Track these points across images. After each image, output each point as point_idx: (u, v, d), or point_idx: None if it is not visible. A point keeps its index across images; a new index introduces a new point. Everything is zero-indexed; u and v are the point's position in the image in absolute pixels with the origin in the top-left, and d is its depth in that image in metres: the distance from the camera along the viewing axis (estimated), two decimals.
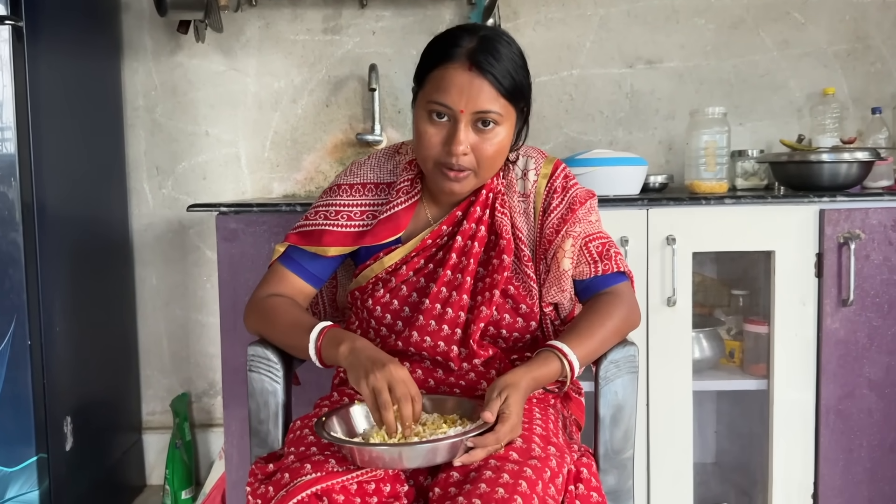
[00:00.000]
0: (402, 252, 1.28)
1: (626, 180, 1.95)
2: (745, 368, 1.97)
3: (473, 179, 1.22)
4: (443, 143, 1.18)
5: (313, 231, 1.29)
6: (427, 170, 1.23)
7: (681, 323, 1.82)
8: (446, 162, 1.19)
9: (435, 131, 1.19)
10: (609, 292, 1.27)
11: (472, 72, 1.16)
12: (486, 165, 1.21)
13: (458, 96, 1.16)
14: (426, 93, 1.19)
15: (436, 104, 1.17)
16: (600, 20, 2.37)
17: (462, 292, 1.24)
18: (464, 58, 1.16)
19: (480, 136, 1.19)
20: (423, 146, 1.20)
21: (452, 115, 1.17)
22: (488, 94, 1.16)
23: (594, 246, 1.29)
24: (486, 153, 1.19)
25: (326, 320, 1.23)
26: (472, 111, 1.16)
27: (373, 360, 1.10)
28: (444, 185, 1.22)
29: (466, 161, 1.19)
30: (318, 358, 1.18)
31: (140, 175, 2.42)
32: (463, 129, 1.17)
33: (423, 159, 1.22)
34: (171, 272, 2.44)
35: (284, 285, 1.30)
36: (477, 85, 1.16)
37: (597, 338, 1.20)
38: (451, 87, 1.16)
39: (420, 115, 1.21)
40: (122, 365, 2.35)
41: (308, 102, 2.40)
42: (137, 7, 2.36)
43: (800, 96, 2.39)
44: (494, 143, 1.20)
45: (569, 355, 1.15)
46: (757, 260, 1.95)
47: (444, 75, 1.17)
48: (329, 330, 1.19)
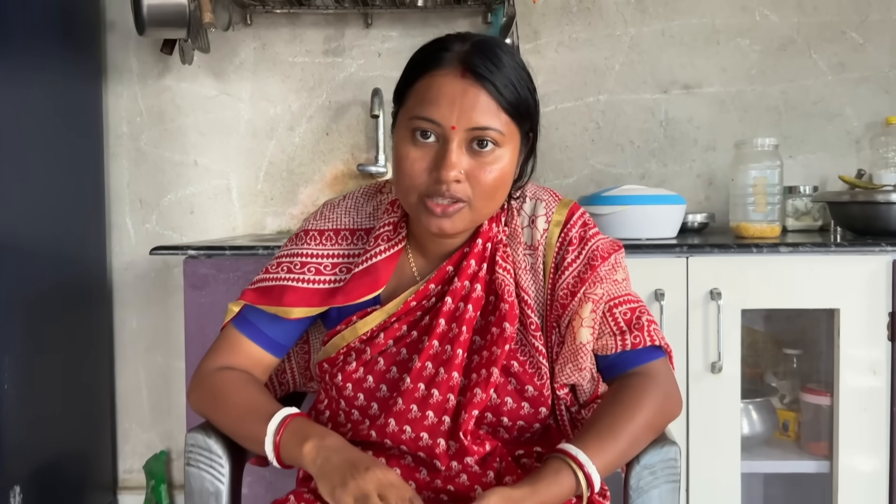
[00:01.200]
0: (379, 316, 1.03)
1: (662, 221, 1.69)
2: (803, 446, 1.67)
3: (468, 215, 0.97)
4: (429, 168, 0.94)
5: (273, 287, 1.04)
6: (409, 205, 0.98)
7: (727, 393, 1.54)
8: (434, 192, 0.94)
9: (419, 155, 0.94)
10: (640, 373, 1.00)
11: (465, 79, 0.92)
12: (483, 197, 0.96)
13: (448, 109, 0.92)
14: (408, 108, 0.95)
15: (421, 120, 0.93)
16: (631, 41, 2.12)
17: (452, 369, 0.98)
18: (455, 62, 0.93)
19: (477, 159, 0.94)
20: (405, 174, 0.95)
21: (441, 133, 0.93)
22: (486, 106, 0.92)
23: (620, 312, 1.02)
24: (483, 181, 0.94)
25: (291, 406, 0.97)
26: (467, 127, 0.92)
27: (352, 463, 0.87)
28: (430, 223, 0.96)
29: (459, 190, 0.94)
30: (277, 457, 0.93)
31: (122, 209, 2.20)
32: (455, 149, 0.93)
33: (405, 192, 0.97)
34: (153, 315, 2.21)
35: (238, 355, 1.06)
36: (472, 95, 0.92)
37: (623, 439, 0.92)
38: (439, 97, 0.92)
39: (401, 138, 0.96)
40: (95, 418, 2.12)
41: (306, 130, 2.18)
42: (123, 26, 2.16)
43: (858, 126, 2.11)
44: (494, 170, 0.95)
45: (586, 466, 0.88)
46: (817, 319, 1.67)
47: (431, 84, 0.93)
48: (292, 420, 0.94)
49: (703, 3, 2.11)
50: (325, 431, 0.93)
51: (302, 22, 2.16)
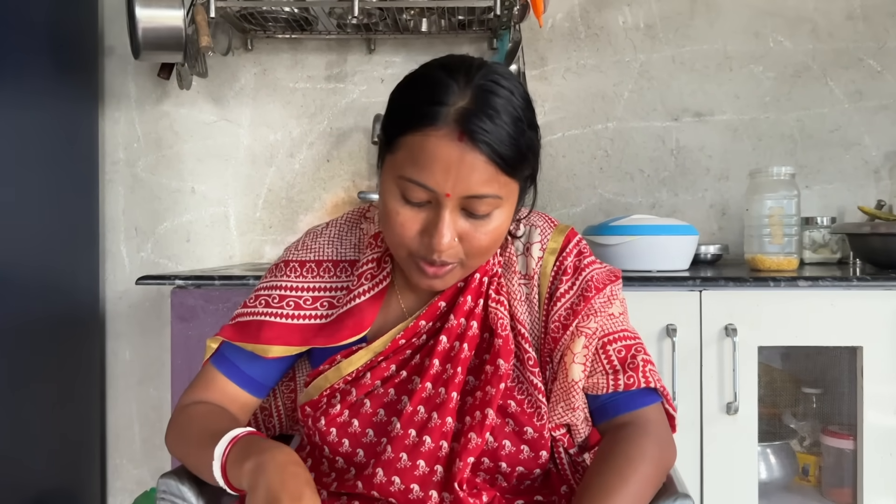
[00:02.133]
0: (365, 355, 0.95)
1: (674, 253, 1.61)
2: (825, 492, 1.58)
3: (459, 273, 0.91)
4: (420, 231, 0.87)
5: (251, 322, 0.97)
6: (398, 258, 0.92)
7: (744, 436, 1.45)
8: (426, 254, 0.87)
9: (410, 216, 0.87)
10: (632, 422, 0.92)
11: (462, 143, 0.83)
12: (475, 256, 0.89)
13: (443, 176, 0.83)
14: (398, 163, 0.87)
15: (412, 184, 0.85)
16: (640, 67, 2.06)
17: (445, 413, 0.90)
18: (452, 123, 0.83)
19: (472, 223, 0.87)
20: (394, 231, 0.88)
21: (434, 198, 0.86)
22: (483, 173, 0.84)
23: (614, 349, 0.94)
24: (477, 243, 0.88)
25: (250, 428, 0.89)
26: (463, 195, 0.85)
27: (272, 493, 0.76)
28: (420, 281, 0.90)
29: (451, 255, 0.87)
30: (226, 481, 0.84)
31: (117, 236, 2.15)
32: (448, 215, 0.85)
33: (394, 246, 0.90)
34: (146, 347, 2.14)
35: (214, 392, 0.98)
36: (469, 162, 0.83)
37: (622, 501, 0.83)
38: (433, 163, 0.83)
39: (389, 191, 0.88)
40: (84, 454, 2.03)
41: (307, 157, 2.12)
42: (121, 51, 2.12)
43: (877, 155, 2.04)
44: (489, 232, 0.88)
45: None
46: (839, 357, 1.58)
47: (425, 145, 0.84)
48: (244, 437, 0.85)
49: (714, 29, 2.06)
50: (273, 446, 0.82)
51: (304, 47, 2.12)
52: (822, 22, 2.04)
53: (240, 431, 0.86)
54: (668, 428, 0.94)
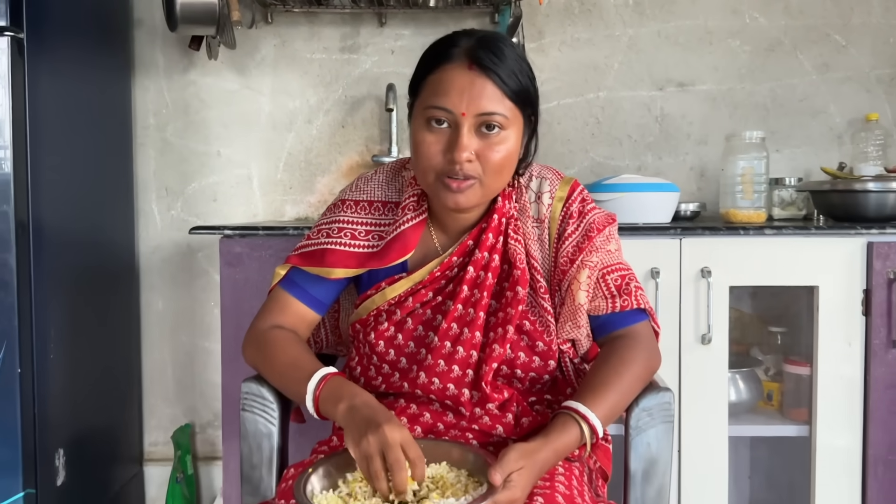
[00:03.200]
0: (406, 283, 1.17)
1: (657, 208, 1.83)
2: (785, 412, 1.82)
3: (479, 190, 1.11)
4: (444, 151, 1.08)
5: (315, 251, 1.19)
6: (428, 184, 1.12)
7: (716, 363, 1.68)
8: (448, 171, 1.08)
9: (434, 139, 1.08)
10: (626, 335, 1.15)
11: (472, 71, 1.06)
12: (492, 174, 1.10)
13: (458, 98, 1.06)
14: (423, 99, 1.09)
15: (434, 109, 1.07)
16: (629, 41, 2.27)
17: (474, 329, 1.13)
18: (462, 56, 1.07)
19: (485, 141, 1.08)
20: (422, 157, 1.09)
21: (453, 119, 1.07)
22: (492, 94, 1.06)
23: (612, 279, 1.17)
24: (492, 160, 1.08)
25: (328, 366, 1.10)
26: (476, 113, 1.06)
27: (367, 420, 0.98)
28: (446, 198, 1.10)
29: (471, 169, 1.08)
30: (316, 410, 1.07)
31: (149, 196, 2.34)
32: (466, 133, 1.07)
33: (423, 172, 1.11)
34: (178, 297, 2.34)
35: (286, 314, 1.19)
36: (479, 85, 1.06)
37: (617, 392, 1.06)
38: (450, 89, 1.06)
39: (417, 125, 1.10)
40: (123, 393, 2.25)
41: (323, 123, 2.31)
42: (150, 23, 2.29)
43: (840, 122, 2.26)
44: (501, 150, 1.09)
45: (590, 419, 1.03)
46: (798, 295, 1.81)
47: (442, 77, 1.07)
48: (329, 380, 1.07)
49: (696, 5, 2.25)
50: (356, 391, 1.05)
51: (320, 21, 2.29)
52: (793, 0, 2.25)
53: (326, 372, 1.08)
54: (655, 340, 1.17)
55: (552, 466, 1.02)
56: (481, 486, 0.96)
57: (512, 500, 0.93)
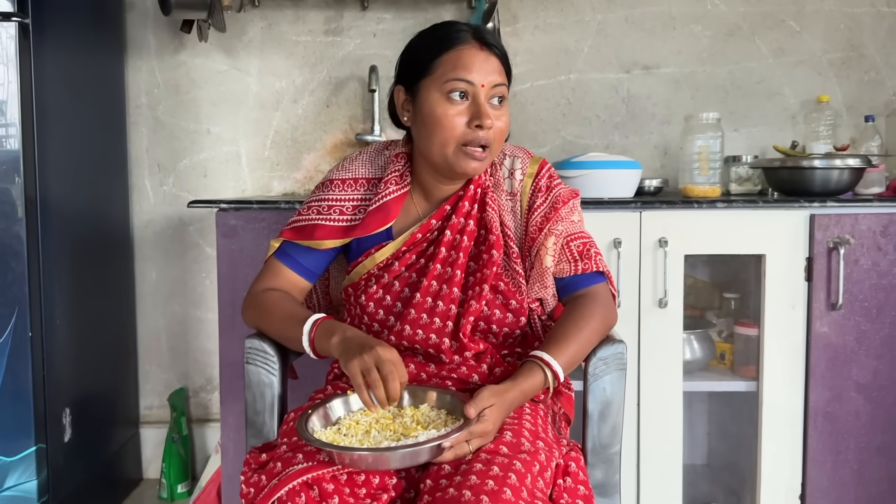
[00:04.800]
0: (392, 247, 1.31)
1: (621, 184, 1.98)
2: (736, 370, 2.00)
3: (489, 157, 1.27)
4: (468, 121, 1.23)
5: (306, 226, 1.32)
6: (447, 155, 1.24)
7: (672, 324, 1.85)
8: (473, 139, 1.23)
9: (456, 111, 1.23)
10: (586, 294, 1.30)
11: (483, 50, 1.24)
12: (498, 141, 1.26)
13: (478, 72, 1.22)
14: (440, 75, 1.23)
15: (459, 81, 1.22)
16: (598, 25, 2.40)
17: (452, 285, 1.27)
18: (472, 38, 1.24)
19: (496, 112, 1.24)
20: (445, 128, 1.23)
21: (473, 91, 1.23)
22: (498, 69, 1.25)
23: (575, 245, 1.32)
24: (500, 129, 1.25)
25: (320, 313, 1.26)
26: (491, 85, 1.23)
27: (361, 344, 1.13)
28: (468, 166, 1.25)
29: (489, 136, 1.24)
30: (312, 348, 1.21)
31: (142, 172, 2.45)
32: (485, 103, 1.23)
33: (444, 143, 1.24)
34: (170, 268, 2.46)
35: (280, 280, 1.33)
36: (491, 61, 1.24)
37: (577, 343, 1.22)
38: (470, 65, 1.22)
39: (435, 100, 1.23)
40: (120, 359, 2.37)
41: (309, 102, 2.43)
42: (142, 6, 2.39)
43: (794, 103, 2.42)
44: (505, 119, 1.26)
45: (553, 365, 1.18)
46: (748, 263, 1.98)
47: (461, 55, 1.23)
48: (322, 322, 1.21)
49: None
50: (347, 327, 1.20)
51: (305, 4, 2.40)
52: None
53: (319, 315, 1.22)
54: (612, 299, 1.33)
55: (520, 406, 1.18)
56: (458, 423, 1.11)
57: (484, 432, 1.09)
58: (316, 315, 1.23)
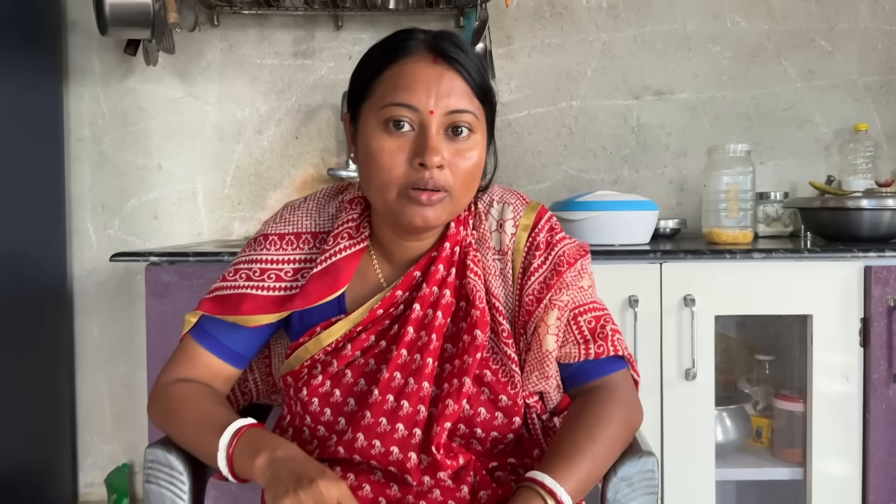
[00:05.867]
0: (344, 325, 0.99)
1: (635, 227, 1.67)
2: (776, 452, 1.67)
3: (449, 205, 0.94)
4: (409, 158, 0.91)
5: (231, 296, 1.00)
6: (388, 201, 0.94)
7: (702, 400, 1.53)
8: (417, 181, 0.91)
9: (396, 145, 0.91)
10: (601, 386, 0.98)
11: (438, 64, 0.92)
12: (462, 186, 0.94)
13: (425, 94, 0.90)
14: (378, 99, 0.92)
15: (396, 107, 0.90)
16: (603, 46, 2.11)
17: (422, 379, 0.95)
18: (424, 49, 0.92)
19: (454, 146, 0.92)
20: (382, 168, 0.92)
21: (419, 119, 0.91)
22: (461, 90, 0.92)
23: (585, 320, 1.00)
24: (463, 168, 0.92)
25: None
26: (445, 111, 0.91)
27: (297, 475, 0.82)
28: (414, 215, 0.93)
29: (441, 178, 0.91)
30: (231, 471, 0.89)
31: (83, 213, 2.14)
32: (435, 134, 0.91)
33: (383, 186, 0.93)
34: (115, 323, 2.15)
35: (196, 366, 1.01)
36: (448, 79, 0.91)
37: (590, 458, 0.89)
38: (414, 83, 0.90)
39: (371, 131, 0.93)
40: (55, 430, 2.05)
41: (275, 133, 2.13)
42: (86, 26, 2.10)
43: (827, 133, 2.13)
44: (472, 157, 0.93)
45: (558, 494, 0.85)
46: (791, 324, 1.66)
47: (403, 71, 0.91)
48: (247, 431, 0.90)
49: (674, 9, 2.11)
50: (279, 442, 0.88)
51: (270, 23, 2.12)
52: (776, 3, 2.11)
53: (241, 424, 0.91)
54: (635, 392, 1.00)
55: None
56: None
57: None
58: (238, 422, 0.91)
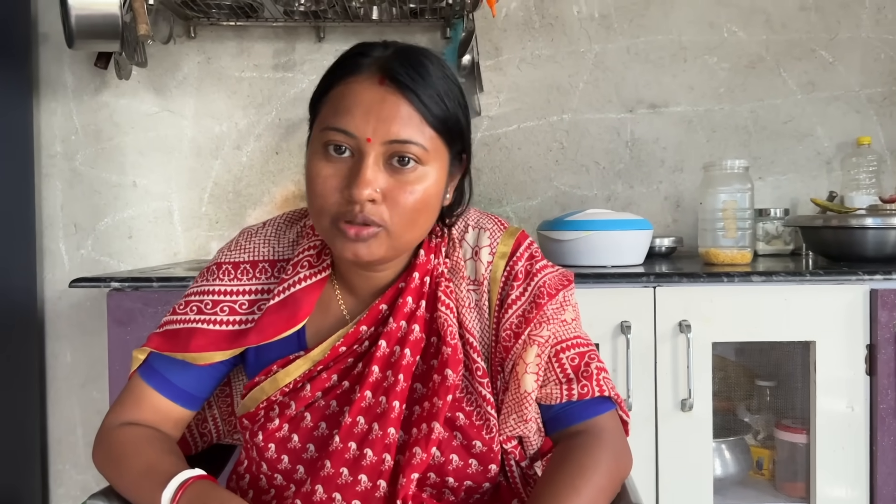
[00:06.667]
0: (304, 364, 0.90)
1: (629, 248, 1.59)
2: (778, 486, 1.58)
3: (385, 241, 0.85)
4: (341, 187, 0.82)
5: (180, 331, 0.92)
6: (323, 230, 0.86)
7: (699, 432, 1.44)
8: (346, 213, 0.82)
9: (331, 172, 0.83)
10: (586, 430, 0.89)
11: (384, 86, 0.82)
12: (402, 222, 0.84)
13: (363, 119, 0.81)
14: (321, 120, 0.84)
15: (332, 131, 0.82)
16: (595, 58, 2.04)
17: (387, 424, 0.86)
18: (374, 69, 0.83)
19: (396, 177, 0.83)
20: (316, 194, 0.84)
21: (356, 146, 0.82)
22: (407, 118, 0.82)
23: (568, 357, 0.91)
24: (402, 202, 0.83)
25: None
26: (384, 140, 0.81)
27: None
28: (344, 248, 0.84)
29: (374, 212, 0.82)
30: None
31: (55, 233, 2.06)
32: (370, 164, 0.81)
33: (317, 214, 0.85)
34: (88, 348, 2.06)
35: (144, 408, 0.93)
36: (391, 103, 0.82)
37: None
38: (353, 106, 0.81)
39: (311, 154, 0.85)
40: (25, 459, 1.95)
41: (255, 149, 2.05)
42: (57, 38, 2.01)
43: (829, 146, 2.05)
44: (416, 191, 0.83)
45: None
46: (793, 350, 1.58)
47: (346, 92, 0.83)
48: (192, 484, 0.81)
49: (669, 19, 2.04)
50: (226, 498, 0.80)
51: (250, 35, 2.04)
52: (775, 13, 2.04)
53: (187, 476, 0.82)
54: (623, 436, 0.91)
55: None
56: None
57: None
58: (184, 473, 0.82)
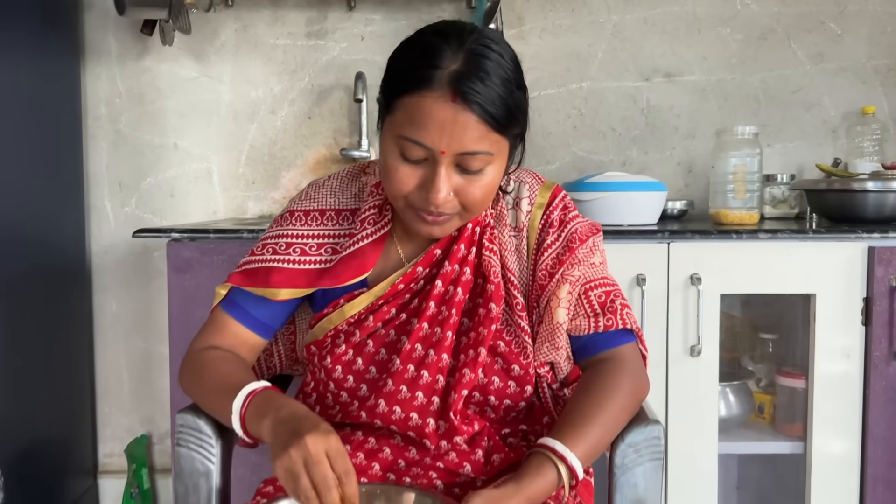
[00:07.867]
0: (367, 299, 1.03)
1: (643, 208, 1.70)
2: (778, 427, 1.71)
3: (458, 222, 0.99)
4: (419, 186, 0.94)
5: (259, 269, 1.04)
6: (397, 208, 0.99)
7: (706, 376, 1.57)
8: (422, 207, 0.95)
9: (408, 172, 0.94)
10: (610, 358, 1.02)
11: (455, 104, 0.89)
12: (471, 208, 0.97)
13: (437, 135, 0.90)
14: (396, 123, 0.94)
15: (409, 142, 0.92)
16: (614, 28, 2.13)
17: (441, 350, 0.99)
18: (445, 85, 0.90)
19: (466, 178, 0.94)
20: (394, 184, 0.95)
21: (430, 155, 0.93)
22: (476, 131, 0.91)
23: (595, 295, 1.04)
24: (472, 197, 0.95)
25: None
26: (456, 152, 0.92)
27: (292, 432, 0.84)
28: (420, 228, 0.98)
29: (448, 207, 0.95)
30: (245, 432, 0.92)
31: (101, 191, 2.18)
32: (443, 172, 0.92)
33: (393, 197, 0.98)
34: (132, 299, 2.19)
35: (225, 336, 1.06)
36: (462, 122, 0.90)
37: (599, 426, 0.93)
38: (428, 122, 0.90)
39: (389, 148, 0.95)
40: (75, 403, 2.10)
41: (288, 114, 2.16)
42: (101, 6, 2.13)
43: (835, 115, 2.15)
44: (483, 186, 0.95)
45: (569, 459, 0.89)
46: (794, 303, 1.70)
47: (421, 106, 0.90)
48: (259, 393, 0.93)
49: None
50: (285, 402, 0.90)
51: (284, 4, 2.14)
52: None
53: (255, 387, 0.93)
54: (642, 364, 1.04)
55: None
56: None
57: None
58: (252, 385, 0.93)
